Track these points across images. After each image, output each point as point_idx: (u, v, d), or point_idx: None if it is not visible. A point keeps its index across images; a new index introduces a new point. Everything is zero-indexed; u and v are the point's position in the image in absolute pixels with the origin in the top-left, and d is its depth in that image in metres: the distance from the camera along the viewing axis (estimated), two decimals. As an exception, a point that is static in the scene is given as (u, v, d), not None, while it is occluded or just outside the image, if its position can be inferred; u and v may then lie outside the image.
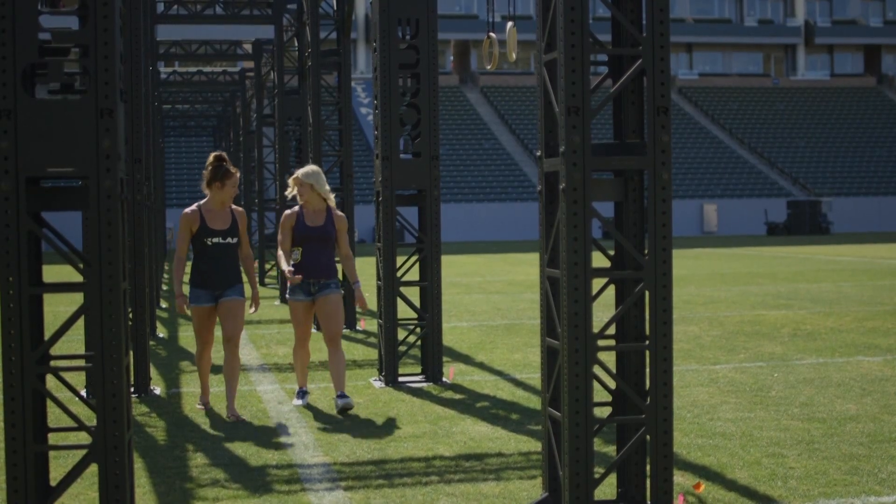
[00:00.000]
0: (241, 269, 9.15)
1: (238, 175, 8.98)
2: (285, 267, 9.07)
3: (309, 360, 9.64)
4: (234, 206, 9.12)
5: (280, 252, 9.25)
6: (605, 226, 5.70)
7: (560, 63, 5.62)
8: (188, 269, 10.23)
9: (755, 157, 66.23)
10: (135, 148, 10.35)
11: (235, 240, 8.99)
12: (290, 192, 9.36)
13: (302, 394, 9.58)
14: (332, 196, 9.29)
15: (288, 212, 9.29)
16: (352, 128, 17.60)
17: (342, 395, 9.13)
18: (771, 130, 69.09)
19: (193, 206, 9.01)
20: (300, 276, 9.05)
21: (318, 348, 13.55)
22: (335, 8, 17.24)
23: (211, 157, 8.97)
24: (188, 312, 9.07)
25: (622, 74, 6.00)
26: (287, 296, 9.36)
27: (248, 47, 31.00)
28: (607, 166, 5.79)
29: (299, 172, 9.25)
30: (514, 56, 8.16)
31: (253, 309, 9.26)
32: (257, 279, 9.43)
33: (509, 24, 8.26)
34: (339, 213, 9.35)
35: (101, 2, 5.02)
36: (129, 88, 9.90)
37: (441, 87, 65.11)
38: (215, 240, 8.89)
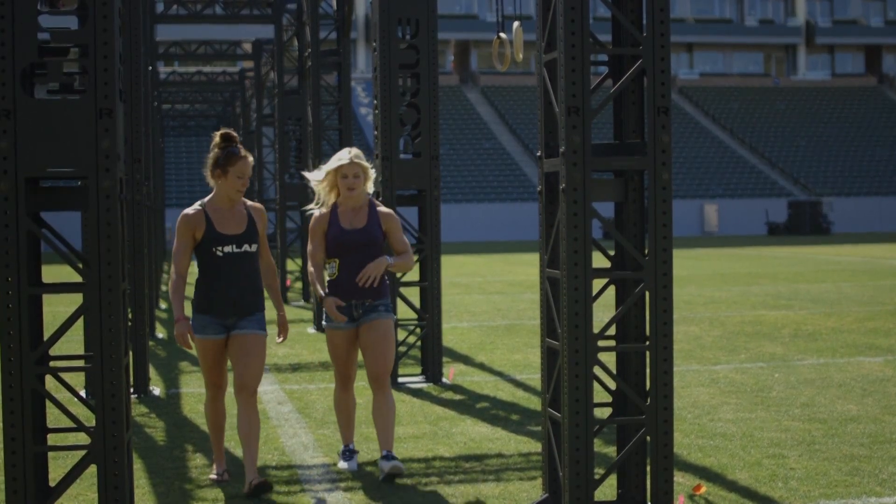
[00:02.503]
0: (262, 285, 6.88)
1: (250, 160, 6.67)
2: (321, 292, 6.89)
3: (355, 409, 7.40)
4: (249, 203, 6.78)
5: (311, 268, 6.97)
6: (605, 226, 5.69)
7: (560, 63, 5.62)
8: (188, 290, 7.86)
9: (756, 157, 66.21)
10: (134, 148, 10.34)
11: (255, 247, 6.67)
12: (321, 187, 7.04)
13: (349, 453, 7.23)
14: (373, 179, 7.15)
15: (317, 212, 7.05)
16: (352, 128, 17.59)
17: (389, 456, 6.89)
18: (772, 130, 69.06)
19: (196, 205, 6.68)
20: (342, 305, 6.93)
21: (319, 348, 13.51)
22: (335, 8, 17.24)
23: (217, 137, 6.69)
24: (192, 344, 6.65)
25: (622, 74, 6.00)
26: (323, 323, 7.11)
27: (247, 47, 31.00)
28: (607, 166, 5.78)
29: (349, 154, 6.97)
30: (521, 56, 8.06)
31: (280, 338, 6.89)
32: (281, 296, 7.69)
33: (515, 23, 8.19)
34: (385, 208, 7.14)
35: (101, 1, 5.01)
36: (128, 88, 9.89)
37: (441, 86, 65.15)
38: (227, 248, 6.56)
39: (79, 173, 5.04)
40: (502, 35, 9.21)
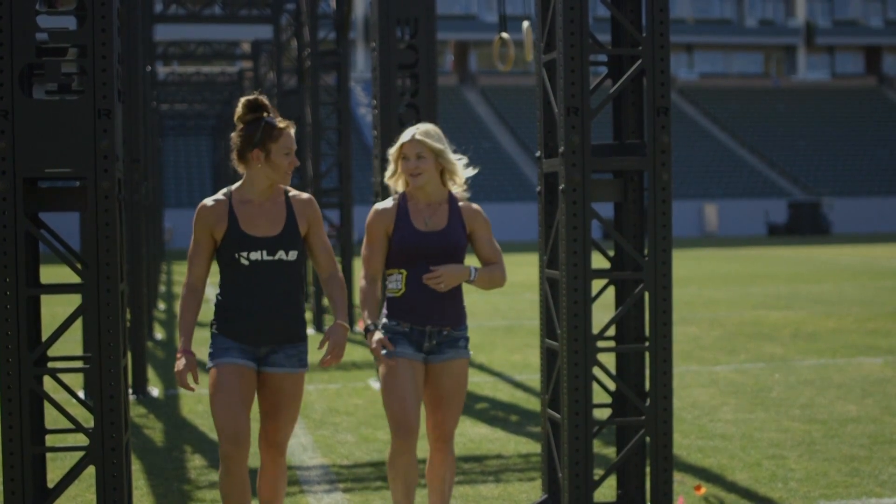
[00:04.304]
0: (303, 306, 5.09)
1: (293, 133, 4.94)
2: (368, 322, 5.12)
3: (418, 477, 5.33)
4: (294, 193, 5.04)
5: (362, 281, 5.18)
6: (604, 226, 5.69)
7: (559, 63, 5.61)
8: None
9: (755, 158, 66.22)
10: (132, 148, 10.32)
11: (294, 255, 4.92)
12: (391, 172, 5.31)
13: None
14: (461, 171, 5.37)
15: (379, 206, 5.24)
16: (350, 128, 17.59)
17: None
18: (771, 131, 69.08)
19: (220, 194, 4.98)
20: (391, 350, 5.13)
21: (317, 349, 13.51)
22: (334, 7, 17.23)
23: (240, 107, 4.93)
24: (191, 384, 4.80)
25: (622, 75, 5.99)
26: (382, 351, 5.14)
27: (246, 47, 30.99)
28: (607, 167, 5.78)
29: (413, 131, 5.26)
30: (531, 56, 7.94)
31: (328, 355, 4.99)
32: (347, 310, 5.08)
33: (525, 23, 8.08)
34: (472, 205, 5.38)
35: (99, 2, 5.00)
36: (126, 89, 9.88)
37: (440, 87, 65.10)
38: (254, 255, 4.86)
39: (77, 174, 5.03)
40: (504, 35, 9.03)
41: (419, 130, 5.25)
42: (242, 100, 4.91)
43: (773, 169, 65.17)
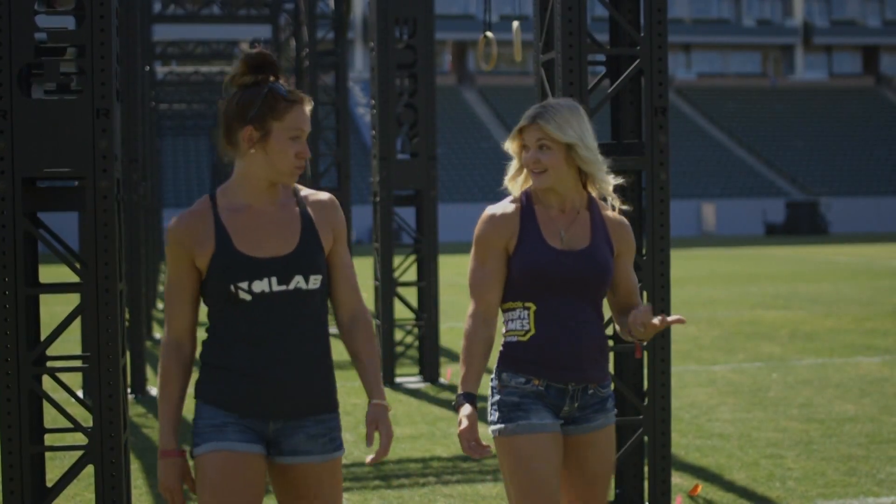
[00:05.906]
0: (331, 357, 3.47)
1: (308, 110, 3.33)
2: (463, 387, 3.87)
3: None
4: (307, 193, 3.46)
5: (470, 322, 3.85)
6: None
7: (557, 63, 5.62)
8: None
9: (753, 158, 66.27)
10: (131, 148, 10.33)
11: (318, 281, 3.35)
12: (513, 171, 3.81)
13: None
14: (605, 180, 3.79)
15: (496, 211, 3.77)
16: (349, 128, 17.61)
17: None
18: (769, 131, 69.13)
19: (202, 201, 3.39)
20: (487, 448, 3.60)
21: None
22: (332, 8, 17.25)
23: (239, 64, 3.37)
24: (173, 497, 3.47)
25: (620, 74, 6.00)
26: (497, 426, 3.78)
27: (245, 47, 30.94)
28: (605, 167, 5.78)
29: (535, 111, 3.70)
30: (520, 56, 8.00)
31: (370, 457, 3.40)
32: (381, 374, 3.79)
33: (515, 23, 8.13)
34: (615, 215, 3.84)
35: (98, 1, 5.01)
36: (125, 88, 9.89)
37: (438, 87, 65.08)
38: (261, 285, 3.30)
39: (76, 174, 5.04)
40: (488, 34, 9.12)
41: (545, 111, 3.67)
42: (242, 54, 3.39)
43: (770, 168, 65.23)
